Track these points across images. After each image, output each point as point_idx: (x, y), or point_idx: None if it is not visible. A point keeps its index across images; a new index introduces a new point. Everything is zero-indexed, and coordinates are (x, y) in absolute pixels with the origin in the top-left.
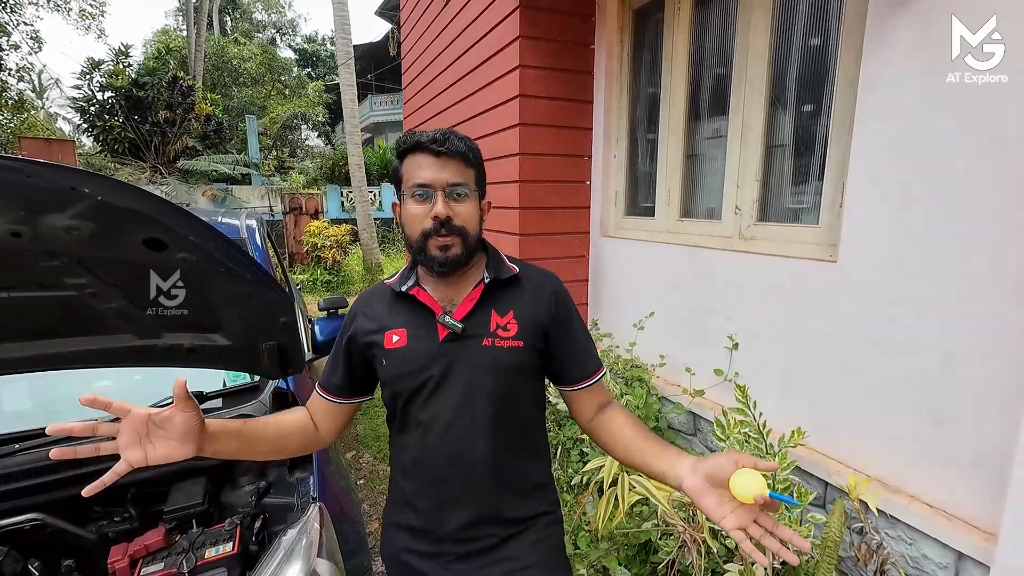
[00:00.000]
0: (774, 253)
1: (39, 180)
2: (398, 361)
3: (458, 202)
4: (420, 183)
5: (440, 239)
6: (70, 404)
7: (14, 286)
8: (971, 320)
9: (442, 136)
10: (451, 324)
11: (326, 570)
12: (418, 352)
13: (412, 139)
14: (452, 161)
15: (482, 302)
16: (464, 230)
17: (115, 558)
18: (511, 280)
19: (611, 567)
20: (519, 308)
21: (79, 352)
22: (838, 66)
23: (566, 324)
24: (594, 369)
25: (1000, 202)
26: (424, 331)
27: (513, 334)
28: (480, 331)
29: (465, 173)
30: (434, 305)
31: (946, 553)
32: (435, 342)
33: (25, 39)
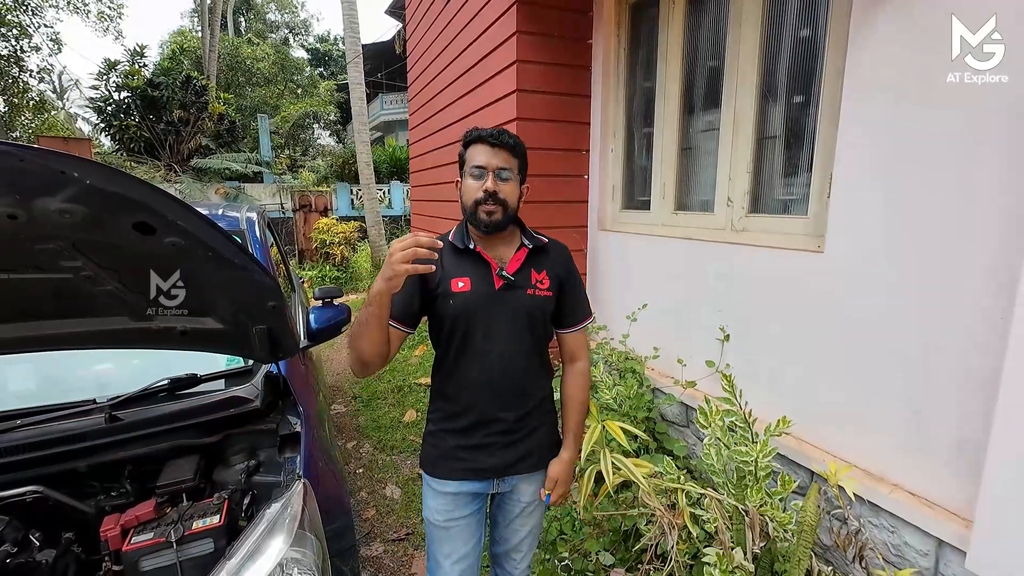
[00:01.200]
0: (764, 244)
1: (31, 164)
2: (463, 301)
3: (503, 182)
4: (477, 164)
5: (487, 207)
6: (70, 383)
7: (12, 268)
8: (951, 310)
9: (497, 132)
10: (506, 276)
11: (308, 543)
12: (480, 296)
13: (475, 133)
14: (502, 151)
15: (526, 262)
16: (506, 202)
17: (107, 527)
18: (543, 247)
19: (593, 550)
20: (549, 268)
21: (75, 333)
22: (826, 57)
23: (571, 281)
24: (581, 319)
25: (982, 195)
26: (484, 280)
27: (547, 286)
28: (525, 283)
29: (511, 161)
30: (492, 261)
31: (927, 540)
32: (492, 289)
33: (46, 41)
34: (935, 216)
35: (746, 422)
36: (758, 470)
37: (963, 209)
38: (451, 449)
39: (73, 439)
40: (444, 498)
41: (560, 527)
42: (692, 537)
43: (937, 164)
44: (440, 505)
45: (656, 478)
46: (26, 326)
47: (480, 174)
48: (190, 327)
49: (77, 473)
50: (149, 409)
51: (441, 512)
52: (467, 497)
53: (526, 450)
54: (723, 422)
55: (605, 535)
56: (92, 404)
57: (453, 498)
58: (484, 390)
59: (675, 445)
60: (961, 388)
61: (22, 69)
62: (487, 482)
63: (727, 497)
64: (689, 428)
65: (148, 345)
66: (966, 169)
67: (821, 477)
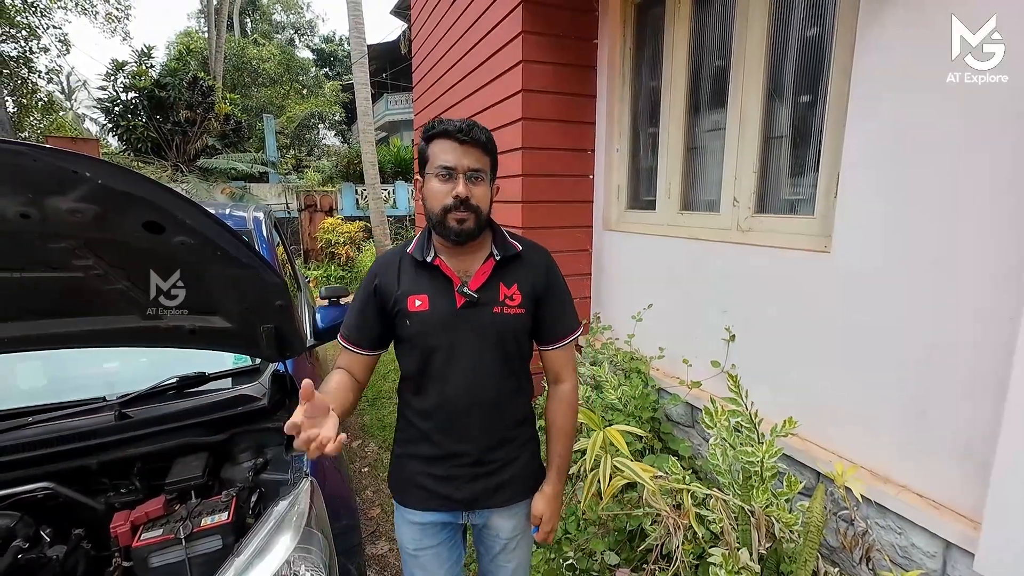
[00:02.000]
0: (770, 244)
1: (44, 164)
2: (420, 323)
3: (475, 184)
4: (445, 165)
5: (458, 214)
6: (80, 381)
7: (24, 267)
8: (958, 311)
9: (467, 126)
10: (468, 294)
11: (315, 541)
12: (439, 316)
13: (440, 126)
14: (474, 149)
15: (493, 275)
16: (479, 208)
17: (117, 523)
18: (514, 256)
19: (597, 549)
20: (521, 281)
21: (86, 332)
22: (833, 57)
23: (551, 293)
24: (564, 334)
25: (989, 196)
26: (444, 298)
27: (518, 303)
28: (491, 300)
29: (483, 160)
30: (453, 276)
31: (934, 542)
32: (453, 308)
33: (54, 42)
34: (943, 216)
35: (752, 422)
36: (764, 470)
37: (971, 210)
38: (415, 476)
39: (83, 436)
40: (412, 527)
41: (564, 526)
42: (697, 537)
43: (944, 164)
44: (408, 533)
45: (661, 478)
46: (37, 324)
47: (448, 175)
48: (198, 325)
49: (87, 470)
50: (158, 407)
51: (410, 541)
52: (435, 527)
53: (498, 483)
54: (729, 422)
55: (610, 535)
56: (102, 402)
57: (420, 528)
58: (446, 421)
59: (680, 445)
60: (969, 389)
61: (31, 70)
62: (455, 513)
63: (733, 498)
64: (694, 428)
65: (157, 343)
66: (973, 170)
67: (827, 478)
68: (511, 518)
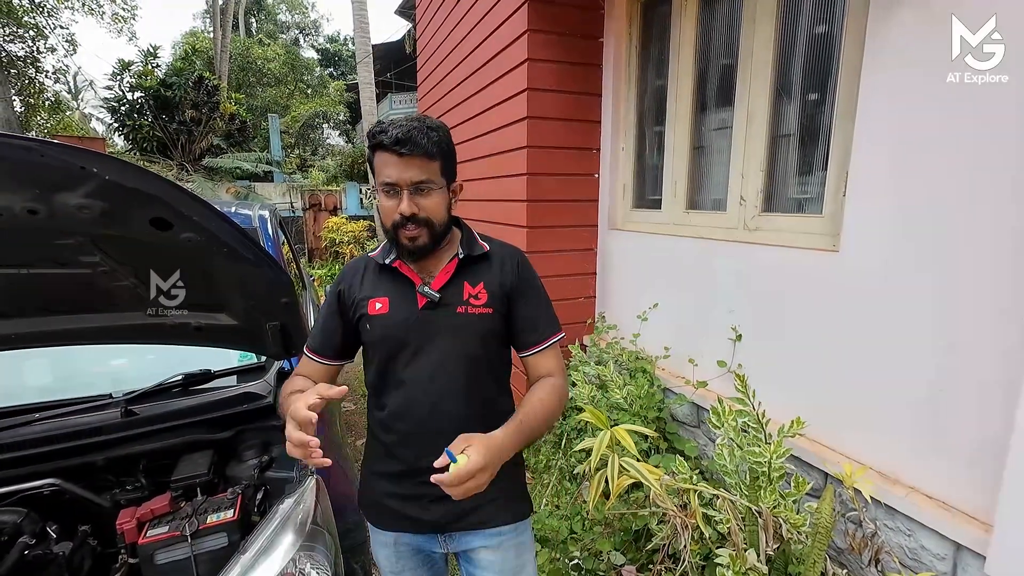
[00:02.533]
0: (778, 244)
1: (51, 160)
2: (381, 326)
3: (424, 196)
4: (387, 181)
5: (407, 231)
6: (86, 378)
7: (32, 263)
8: (971, 311)
9: (404, 135)
10: (429, 293)
11: (320, 538)
12: (399, 318)
13: (377, 137)
14: (416, 160)
15: (456, 275)
16: (430, 221)
17: (123, 520)
18: (482, 256)
19: (603, 548)
20: (488, 280)
21: (93, 328)
22: (842, 54)
23: (524, 291)
24: (543, 337)
25: (1001, 195)
26: (405, 300)
27: (483, 302)
28: (455, 300)
29: (429, 168)
30: (414, 277)
31: (944, 544)
32: (414, 310)
33: (61, 42)
34: (956, 215)
35: (759, 422)
36: (772, 471)
37: (983, 208)
38: (382, 495)
39: (89, 433)
40: (386, 548)
41: (570, 526)
42: (704, 538)
43: (957, 162)
44: (383, 554)
45: (668, 478)
46: (45, 320)
47: (392, 191)
48: (204, 323)
49: (93, 467)
50: (164, 404)
51: (385, 562)
52: (409, 549)
53: (470, 504)
54: (736, 422)
55: (616, 534)
56: (108, 399)
57: (394, 548)
58: (410, 432)
59: (686, 445)
60: (981, 390)
61: (38, 70)
62: (429, 537)
63: (740, 498)
64: (700, 428)
65: (163, 340)
66: (987, 167)
67: (835, 479)
68: (496, 550)
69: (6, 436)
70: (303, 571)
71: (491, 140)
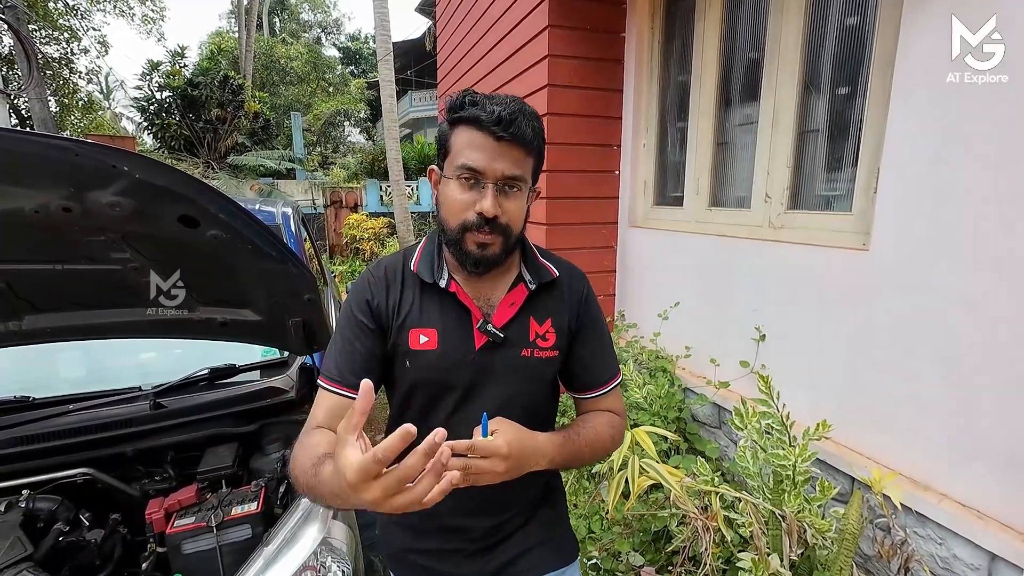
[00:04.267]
0: (804, 242)
1: (85, 159)
2: (425, 365)
3: (509, 197)
4: (471, 166)
5: (480, 236)
6: (115, 371)
7: (66, 259)
8: (1009, 312)
9: (508, 115)
10: (493, 333)
11: (341, 533)
12: (450, 359)
13: (471, 110)
14: (514, 149)
15: (523, 308)
16: (508, 229)
17: (152, 510)
18: (550, 283)
19: (623, 550)
20: (556, 316)
21: (123, 323)
22: (875, 46)
23: (591, 327)
24: (607, 378)
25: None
26: (459, 336)
27: (551, 344)
28: (519, 340)
29: (524, 164)
30: (474, 308)
31: (978, 554)
32: (471, 349)
33: (94, 44)
34: (992, 213)
35: (783, 425)
36: (796, 475)
37: (1021, 205)
38: (401, 549)
39: (120, 424)
40: None
41: (589, 526)
42: (726, 541)
43: (992, 159)
44: None
45: (689, 480)
46: (78, 315)
47: (474, 182)
48: (230, 318)
49: (123, 457)
50: (190, 397)
51: None
52: None
53: (513, 552)
54: (759, 424)
55: (635, 535)
56: (138, 391)
57: None
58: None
59: (707, 447)
60: (1020, 393)
61: (72, 71)
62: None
63: (763, 501)
64: (721, 429)
65: (190, 335)
66: (1014, 164)
67: (862, 484)
68: None
69: (42, 427)
70: (324, 564)
71: None
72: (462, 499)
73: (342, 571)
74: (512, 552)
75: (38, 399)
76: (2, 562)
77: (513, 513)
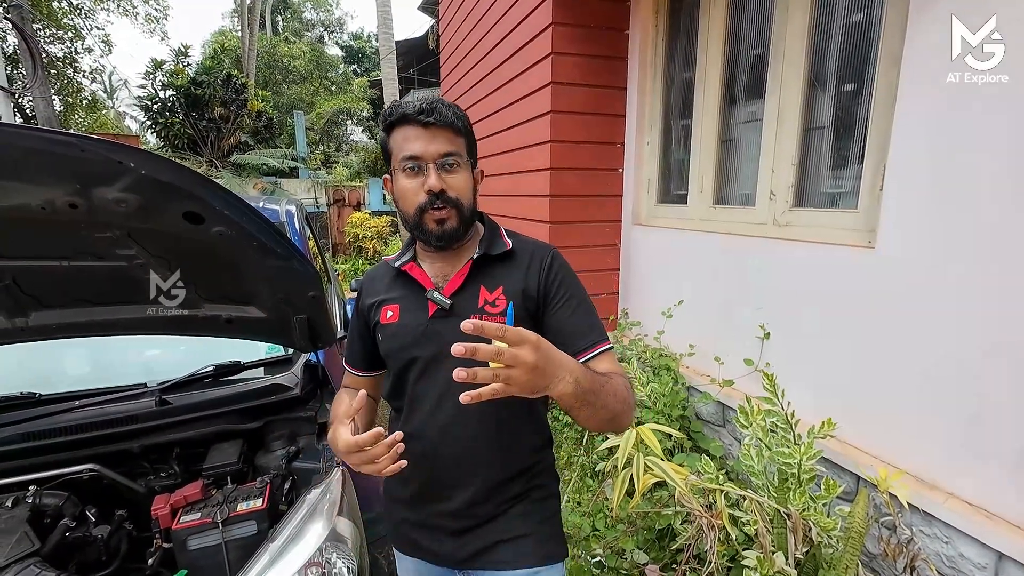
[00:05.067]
0: (809, 239)
1: (91, 154)
2: (391, 336)
3: (450, 173)
4: (410, 155)
5: (436, 212)
6: (121, 367)
7: (72, 256)
8: (1017, 310)
9: (428, 106)
10: (439, 300)
11: (346, 528)
12: (408, 328)
13: (398, 111)
14: (442, 131)
15: (471, 278)
16: (459, 201)
17: (158, 506)
18: (504, 255)
19: (627, 547)
20: (509, 283)
21: (128, 319)
22: (881, 42)
23: (560, 294)
24: (588, 345)
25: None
26: (414, 307)
27: (501, 310)
28: (468, 307)
29: (456, 142)
30: (425, 281)
31: (985, 553)
32: (424, 318)
33: (97, 43)
34: (1001, 210)
35: (788, 423)
36: (801, 473)
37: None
38: (399, 521)
39: (126, 421)
40: (408, 573)
41: (593, 523)
42: (731, 539)
43: (999, 156)
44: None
45: (694, 478)
46: (84, 311)
47: (416, 167)
48: (234, 315)
49: (129, 454)
50: (195, 394)
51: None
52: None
53: (495, 540)
54: (764, 423)
55: (639, 533)
56: (143, 388)
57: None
58: (421, 457)
59: (711, 445)
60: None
61: (76, 70)
62: (447, 572)
63: (767, 499)
64: (725, 428)
65: (195, 332)
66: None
67: (867, 482)
68: None
69: (49, 423)
70: (330, 560)
71: (514, 135)
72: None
73: (347, 567)
74: (490, 539)
75: (44, 395)
76: (10, 557)
77: (486, 489)
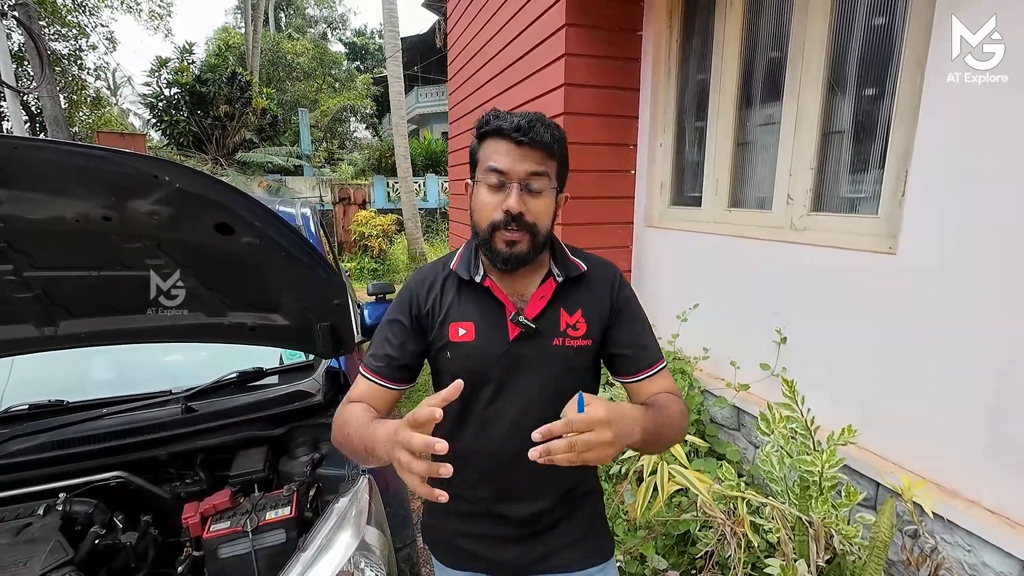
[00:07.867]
0: (828, 244)
1: (126, 168)
2: (464, 356)
3: (533, 196)
4: (496, 167)
5: (508, 234)
6: (146, 374)
7: (103, 266)
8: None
9: (527, 124)
10: (526, 325)
11: (374, 537)
12: (486, 350)
13: (494, 123)
14: (534, 151)
15: (552, 300)
16: (535, 227)
17: (188, 514)
18: (579, 277)
19: (648, 554)
20: (587, 306)
21: (155, 327)
22: (904, 46)
23: (625, 314)
24: (649, 363)
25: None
26: (494, 328)
27: (582, 333)
28: (550, 331)
29: (546, 164)
30: (507, 301)
31: (1009, 562)
32: (505, 340)
33: (101, 40)
34: (1020, 215)
35: (808, 429)
36: (823, 480)
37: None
38: (451, 535)
39: (153, 428)
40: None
41: (612, 528)
42: (752, 546)
43: (1018, 161)
44: None
45: (717, 485)
46: (113, 320)
47: (500, 184)
48: (259, 323)
49: (155, 460)
50: (220, 401)
51: None
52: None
53: (554, 546)
54: (786, 429)
55: (658, 539)
56: (169, 395)
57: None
58: (489, 475)
59: (727, 449)
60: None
61: (80, 67)
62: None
63: (788, 507)
64: (740, 432)
65: (220, 339)
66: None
67: (887, 488)
68: None
69: (76, 431)
70: (360, 568)
71: None
72: (502, 487)
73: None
74: (553, 544)
75: (72, 403)
76: (46, 567)
77: (550, 503)
